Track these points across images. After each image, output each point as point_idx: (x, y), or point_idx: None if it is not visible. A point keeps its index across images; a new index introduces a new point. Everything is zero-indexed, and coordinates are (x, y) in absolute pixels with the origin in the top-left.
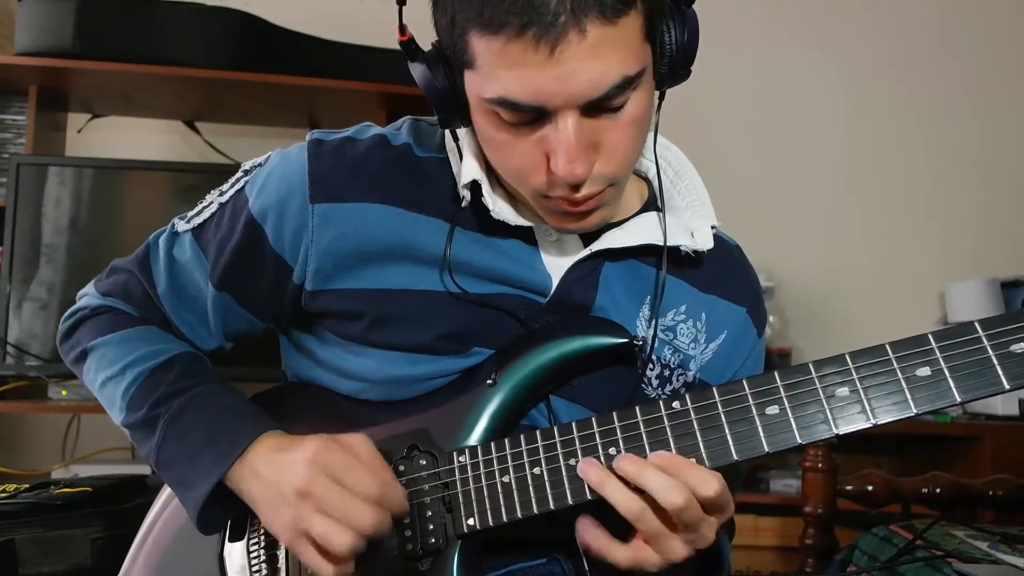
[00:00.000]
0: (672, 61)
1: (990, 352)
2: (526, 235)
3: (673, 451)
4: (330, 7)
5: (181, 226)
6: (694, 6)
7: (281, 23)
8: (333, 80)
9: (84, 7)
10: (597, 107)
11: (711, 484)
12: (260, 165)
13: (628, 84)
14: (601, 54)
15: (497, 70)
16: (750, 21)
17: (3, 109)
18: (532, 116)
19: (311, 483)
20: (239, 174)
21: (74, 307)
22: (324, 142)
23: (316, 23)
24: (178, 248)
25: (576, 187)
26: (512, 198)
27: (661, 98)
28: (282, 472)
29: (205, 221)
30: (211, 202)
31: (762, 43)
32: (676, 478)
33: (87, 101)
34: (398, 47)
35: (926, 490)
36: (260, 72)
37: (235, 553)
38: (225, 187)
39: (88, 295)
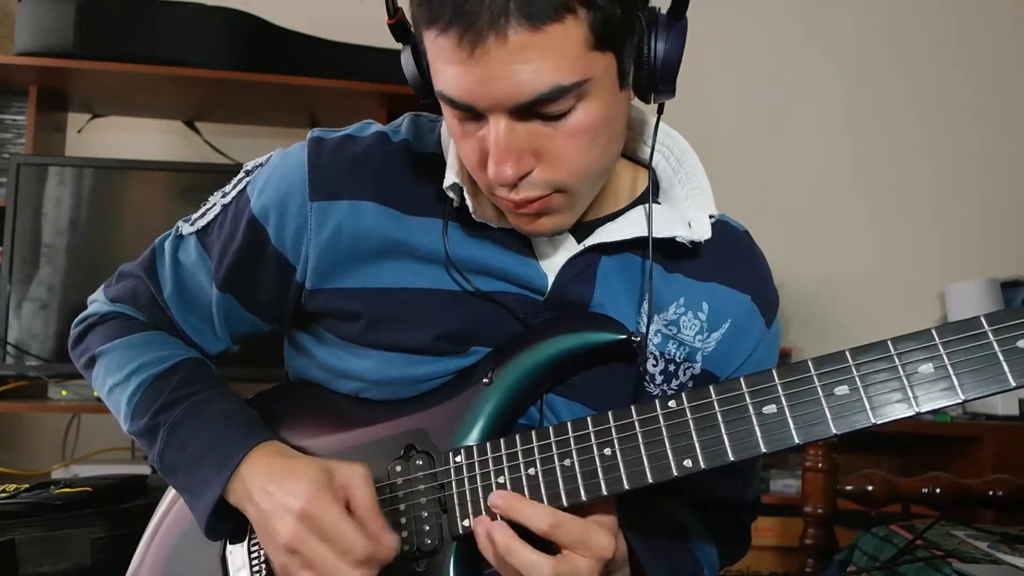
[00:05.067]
0: (651, 73)
1: (996, 348)
2: (522, 235)
3: (668, 453)
4: (330, 7)
5: (185, 229)
6: (692, 9)
7: (281, 23)
8: (333, 80)
9: (84, 7)
10: (528, 113)
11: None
12: (261, 165)
13: (562, 93)
14: (526, 60)
15: (437, 63)
16: (751, 21)
17: (3, 109)
18: (470, 114)
19: (298, 542)
20: (241, 174)
21: (84, 313)
22: (324, 140)
23: (316, 23)
24: (183, 251)
25: (512, 188)
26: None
27: (660, 111)
28: (274, 508)
29: (209, 223)
30: (214, 204)
31: (763, 43)
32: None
33: (87, 101)
34: (398, 47)
35: (926, 490)
36: (260, 72)
37: (237, 554)
38: (228, 188)
39: (98, 301)
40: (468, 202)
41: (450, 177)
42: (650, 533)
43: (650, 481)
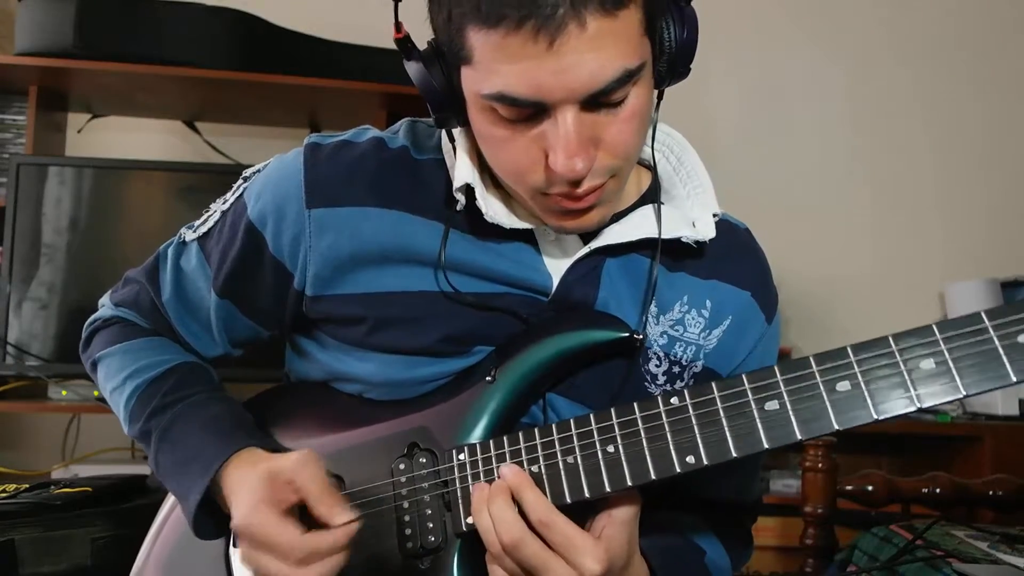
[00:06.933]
0: (671, 59)
1: (996, 343)
2: (525, 235)
3: (671, 449)
4: (330, 7)
5: (188, 235)
6: (694, 5)
7: (281, 23)
8: (333, 80)
9: (84, 7)
10: (596, 101)
11: (539, 510)
12: (259, 171)
13: (628, 78)
14: (600, 47)
15: (495, 64)
16: (751, 18)
17: (3, 109)
18: (531, 112)
19: (247, 557)
20: (239, 181)
21: (92, 317)
22: (321, 146)
23: (316, 23)
24: (184, 258)
25: (576, 183)
26: (508, 198)
27: (659, 97)
28: (232, 525)
29: (209, 230)
30: (214, 211)
31: (763, 40)
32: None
33: (87, 101)
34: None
35: (926, 490)
36: (260, 72)
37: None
38: (228, 195)
39: (104, 305)
40: (480, 203)
41: (462, 177)
42: (664, 543)
43: (653, 478)
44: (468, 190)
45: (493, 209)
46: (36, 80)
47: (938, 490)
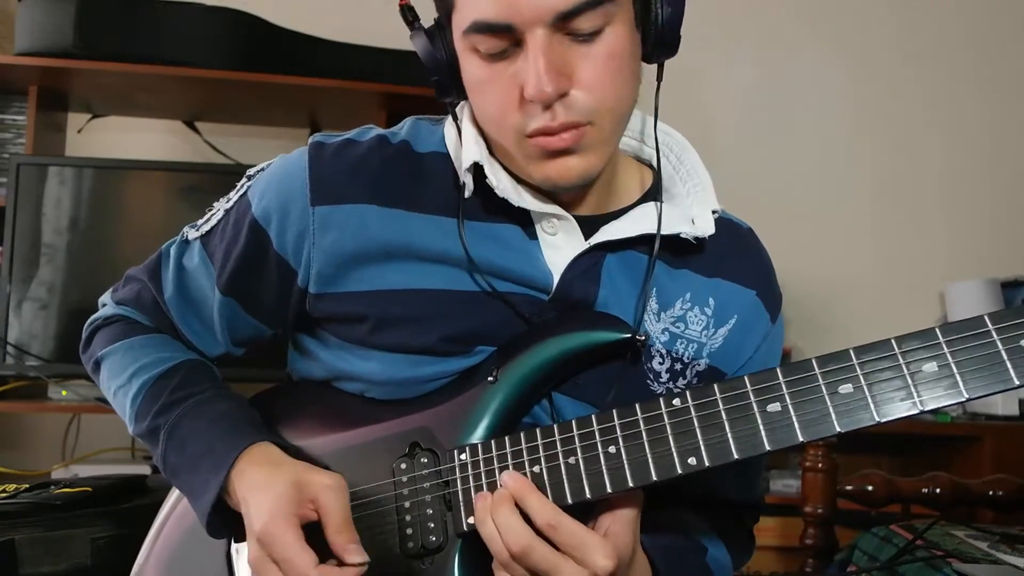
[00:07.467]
0: (657, 27)
1: (1000, 347)
2: (528, 232)
3: (673, 451)
4: (330, 7)
5: (191, 234)
6: (694, 4)
7: (281, 23)
8: (333, 80)
9: (84, 7)
10: (566, 25)
11: (545, 514)
12: (263, 170)
13: (598, 3)
14: None
15: None
16: (752, 17)
17: (3, 109)
18: (506, 44)
19: (257, 563)
20: (243, 179)
21: (93, 316)
22: (325, 145)
23: (316, 23)
24: (187, 256)
25: (549, 109)
26: (514, 181)
27: (659, 78)
28: (247, 524)
29: (212, 228)
30: (218, 209)
31: (765, 38)
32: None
33: (87, 101)
34: (398, 47)
35: (926, 490)
36: (260, 72)
37: (243, 552)
38: (231, 194)
39: (105, 304)
40: (491, 179)
41: (470, 156)
42: (666, 541)
43: (655, 479)
44: (476, 174)
45: (503, 184)
46: (36, 80)
47: (938, 490)
